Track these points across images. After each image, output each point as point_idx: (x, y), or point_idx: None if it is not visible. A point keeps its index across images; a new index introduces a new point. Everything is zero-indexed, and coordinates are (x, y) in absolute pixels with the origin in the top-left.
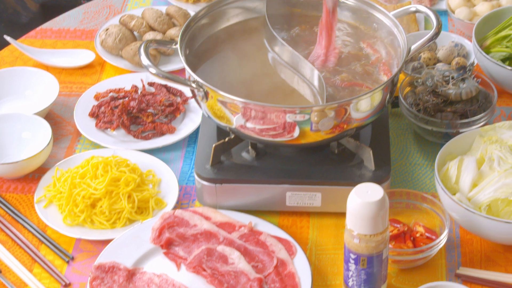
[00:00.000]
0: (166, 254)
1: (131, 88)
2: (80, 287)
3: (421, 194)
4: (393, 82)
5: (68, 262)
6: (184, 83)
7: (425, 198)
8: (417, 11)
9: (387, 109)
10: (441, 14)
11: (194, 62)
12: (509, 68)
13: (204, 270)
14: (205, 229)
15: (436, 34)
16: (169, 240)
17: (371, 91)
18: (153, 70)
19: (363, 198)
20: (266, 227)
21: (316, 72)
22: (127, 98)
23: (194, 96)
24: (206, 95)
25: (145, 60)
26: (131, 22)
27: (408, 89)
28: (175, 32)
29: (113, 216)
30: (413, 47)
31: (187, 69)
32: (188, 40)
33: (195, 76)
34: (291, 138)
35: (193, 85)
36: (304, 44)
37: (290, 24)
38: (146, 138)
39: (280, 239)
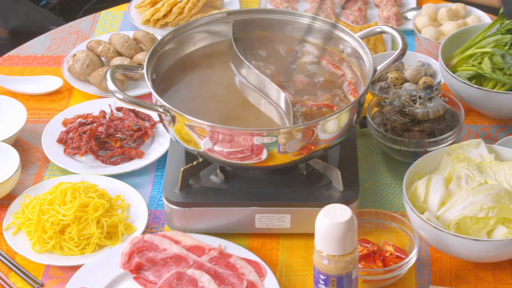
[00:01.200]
0: (136, 279)
1: (99, 113)
2: None
3: (390, 214)
4: (359, 103)
5: None
6: (151, 108)
7: (394, 217)
8: (382, 32)
9: (355, 129)
10: (408, 34)
11: (162, 86)
12: (476, 86)
13: None
14: (174, 253)
15: (402, 54)
16: (139, 265)
17: (338, 112)
18: (119, 96)
19: (331, 219)
20: (236, 250)
21: (282, 94)
22: (95, 124)
23: (161, 120)
24: (173, 119)
25: (111, 86)
26: (98, 47)
27: (375, 109)
28: (142, 56)
29: (82, 242)
30: (379, 67)
31: (154, 93)
32: (155, 64)
33: (161, 101)
34: (259, 161)
35: (160, 109)
36: (271, 66)
37: (256, 47)
38: (115, 163)
39: (250, 261)
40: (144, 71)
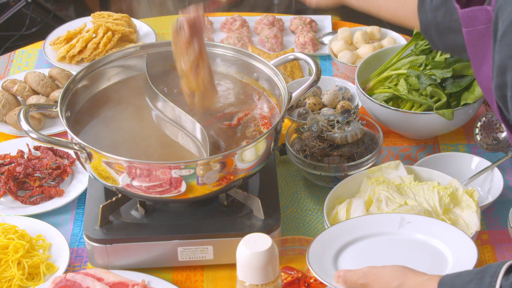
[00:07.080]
0: None
1: (17, 153)
2: None
3: (313, 240)
4: (276, 130)
5: None
6: (67, 146)
7: None
8: (296, 59)
9: (274, 157)
10: (325, 58)
11: (77, 123)
12: (393, 108)
13: None
14: None
15: (316, 79)
16: None
17: (255, 141)
18: (33, 135)
19: (252, 249)
20: (160, 284)
21: (198, 126)
22: (13, 164)
23: (78, 158)
24: (89, 156)
25: (25, 126)
26: (13, 87)
27: (294, 135)
28: (58, 94)
29: (4, 284)
30: (294, 94)
31: (68, 131)
32: (69, 102)
33: (76, 138)
34: (178, 194)
35: (76, 147)
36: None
37: (171, 80)
38: (35, 202)
39: None
40: (58, 109)
